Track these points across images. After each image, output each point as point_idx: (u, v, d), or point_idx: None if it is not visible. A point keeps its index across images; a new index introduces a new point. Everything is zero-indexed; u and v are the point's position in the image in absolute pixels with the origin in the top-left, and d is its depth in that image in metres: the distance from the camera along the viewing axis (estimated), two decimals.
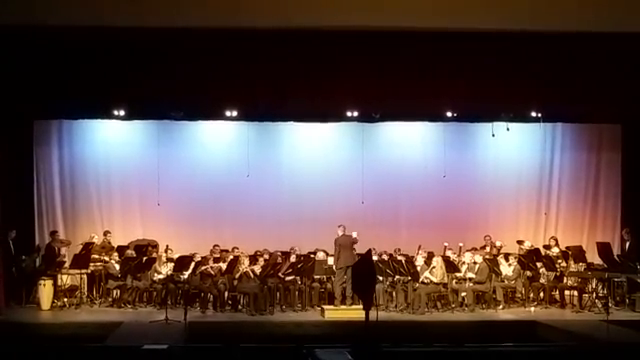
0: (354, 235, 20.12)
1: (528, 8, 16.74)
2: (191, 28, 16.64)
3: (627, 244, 21.75)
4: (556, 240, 22.41)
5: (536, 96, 20.11)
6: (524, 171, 24.33)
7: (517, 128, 23.04)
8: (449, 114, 21.88)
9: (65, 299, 20.17)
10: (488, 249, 22.27)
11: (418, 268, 20.16)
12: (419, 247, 21.42)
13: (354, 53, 18.22)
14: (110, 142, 23.39)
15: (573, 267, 21.05)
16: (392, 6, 16.51)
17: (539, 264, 21.07)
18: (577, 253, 21.23)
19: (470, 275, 20.42)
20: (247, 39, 17.43)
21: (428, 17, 16.57)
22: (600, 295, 20.61)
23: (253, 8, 16.49)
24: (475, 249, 21.77)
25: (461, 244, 22.03)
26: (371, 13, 16.41)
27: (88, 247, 21.01)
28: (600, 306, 19.73)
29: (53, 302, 19.89)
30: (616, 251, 22.07)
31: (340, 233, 20.06)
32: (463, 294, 20.40)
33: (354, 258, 19.71)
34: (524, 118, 22.21)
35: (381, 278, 19.83)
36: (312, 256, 20.86)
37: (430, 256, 20.78)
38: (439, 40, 17.61)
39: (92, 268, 20.86)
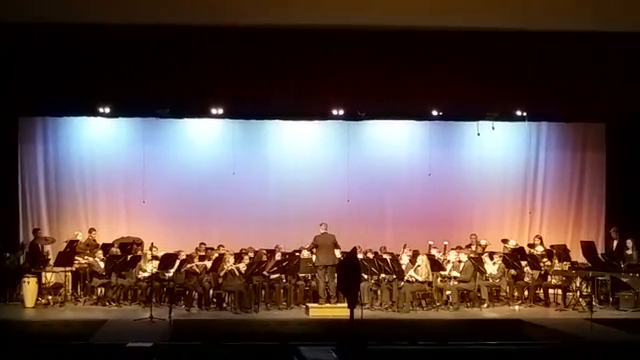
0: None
1: (513, 7, 16.76)
2: (177, 25, 16.61)
3: (615, 243, 21.80)
4: (540, 239, 22.47)
5: (521, 95, 20.21)
6: (509, 170, 24.40)
7: (502, 127, 23.19)
8: (435, 113, 22.01)
9: (49, 297, 20.09)
10: (473, 248, 22.32)
11: (403, 266, 20.18)
12: (404, 245, 21.45)
13: (340, 52, 18.20)
14: (95, 139, 23.37)
15: (557, 266, 21.08)
16: (378, 5, 16.51)
17: (524, 263, 21.12)
18: (561, 252, 21.30)
19: (455, 274, 20.44)
20: (233, 37, 17.41)
21: (413, 16, 16.57)
22: (584, 294, 20.64)
23: (239, 6, 16.47)
24: (460, 248, 21.81)
25: (446, 242, 22.08)
26: (357, 12, 16.40)
27: (72, 245, 20.95)
28: (584, 305, 19.77)
29: (37, 300, 19.81)
30: (600, 250, 22.16)
31: (322, 231, 20.10)
32: (448, 292, 20.42)
33: (334, 257, 19.77)
34: (509, 117, 22.37)
35: (366, 276, 19.82)
36: (297, 254, 20.84)
37: (415, 254, 20.79)
38: (425, 39, 17.60)
39: (77, 266, 20.78)
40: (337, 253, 20.07)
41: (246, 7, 16.45)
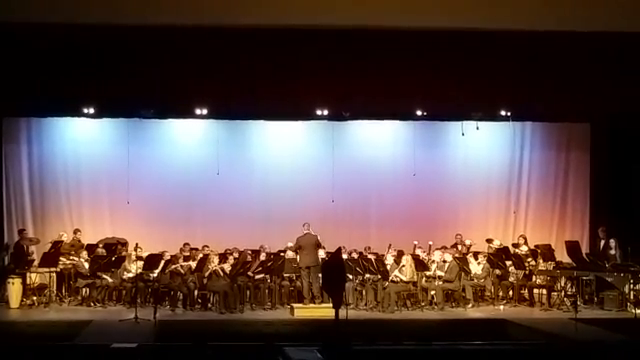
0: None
1: (496, 7, 16.78)
2: (161, 26, 16.58)
3: (602, 242, 21.81)
4: (525, 238, 22.51)
5: (505, 95, 20.25)
6: (493, 170, 24.42)
7: (487, 127, 23.23)
8: (419, 113, 22.01)
9: (34, 297, 20.07)
10: (458, 247, 22.33)
11: (388, 267, 20.19)
12: (389, 246, 21.48)
13: (324, 52, 18.19)
14: (80, 140, 23.31)
15: (542, 265, 21.13)
16: (361, 5, 16.52)
17: (508, 262, 21.16)
18: (546, 251, 21.33)
19: (440, 274, 20.46)
20: (217, 37, 17.38)
21: (397, 16, 16.58)
22: (569, 293, 20.74)
23: (223, 6, 16.46)
24: (445, 248, 21.82)
25: (431, 243, 22.08)
26: (341, 12, 16.41)
27: (57, 245, 20.90)
28: (569, 304, 19.84)
29: (22, 300, 19.79)
30: (585, 249, 22.21)
31: (304, 232, 20.11)
32: (432, 292, 20.45)
33: (317, 258, 19.77)
34: (493, 117, 22.40)
35: (351, 276, 19.83)
36: (282, 254, 20.84)
37: (400, 255, 20.79)
38: (409, 39, 17.62)
39: (61, 266, 20.75)
40: (321, 253, 20.08)
41: (230, 7, 16.44)
